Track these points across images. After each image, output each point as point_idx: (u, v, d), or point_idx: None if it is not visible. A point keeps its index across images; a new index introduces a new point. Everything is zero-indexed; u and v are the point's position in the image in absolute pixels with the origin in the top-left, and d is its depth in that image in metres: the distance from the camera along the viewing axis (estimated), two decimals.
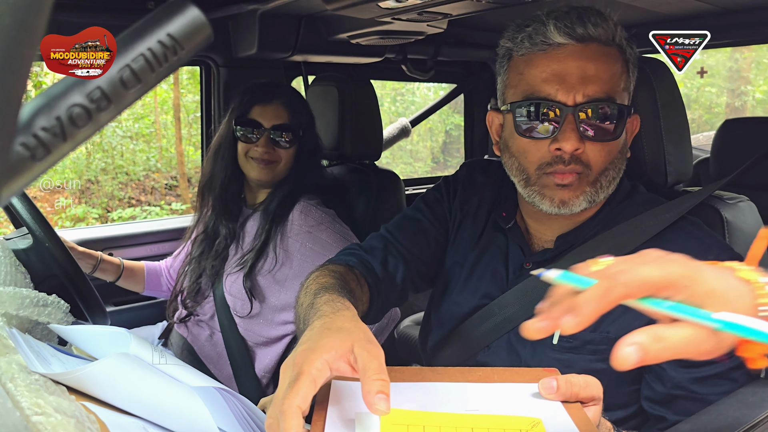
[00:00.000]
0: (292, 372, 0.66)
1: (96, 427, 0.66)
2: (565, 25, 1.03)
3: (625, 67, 1.09)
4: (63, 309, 1.03)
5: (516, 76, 1.10)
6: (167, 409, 0.75)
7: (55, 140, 0.36)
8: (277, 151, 1.76)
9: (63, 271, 1.38)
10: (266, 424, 0.64)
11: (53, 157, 0.36)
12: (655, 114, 1.21)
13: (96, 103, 0.37)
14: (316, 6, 1.85)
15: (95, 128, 0.37)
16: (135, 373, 0.74)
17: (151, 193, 7.72)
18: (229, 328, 1.77)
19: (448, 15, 1.77)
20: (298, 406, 0.61)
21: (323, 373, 0.65)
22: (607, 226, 1.11)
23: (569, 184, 1.06)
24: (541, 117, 1.05)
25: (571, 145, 1.02)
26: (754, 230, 1.22)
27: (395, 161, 9.51)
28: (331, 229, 1.73)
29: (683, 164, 1.26)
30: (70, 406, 0.65)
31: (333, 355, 0.67)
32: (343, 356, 0.67)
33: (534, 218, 1.18)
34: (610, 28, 1.06)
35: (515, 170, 1.13)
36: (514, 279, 1.16)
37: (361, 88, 2.00)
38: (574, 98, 1.03)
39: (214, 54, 2.14)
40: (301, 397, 0.62)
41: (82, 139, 0.36)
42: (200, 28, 0.41)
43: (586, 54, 1.04)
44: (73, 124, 0.36)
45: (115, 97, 0.38)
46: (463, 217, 1.28)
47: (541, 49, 1.05)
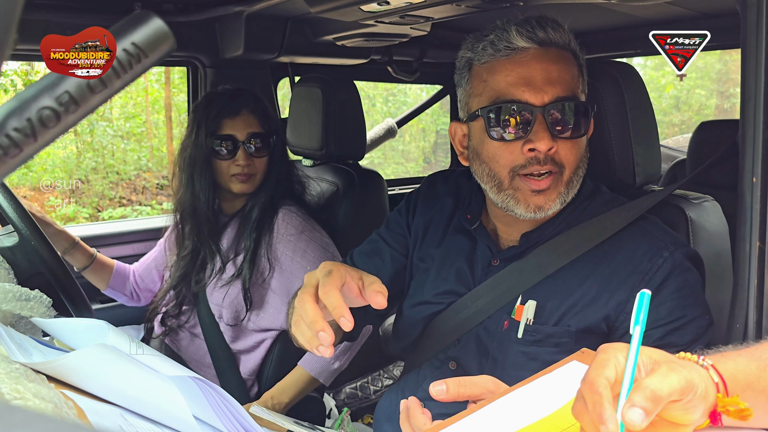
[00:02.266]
0: (325, 269, 0.89)
1: (74, 413, 0.69)
2: (527, 30, 1.08)
3: (579, 71, 1.15)
4: (45, 303, 1.06)
5: (480, 84, 1.14)
6: (144, 397, 0.78)
7: (26, 140, 0.39)
8: (254, 161, 1.74)
9: (48, 268, 1.41)
10: (302, 308, 0.86)
11: (24, 154, 0.39)
12: (624, 116, 1.26)
13: (64, 106, 0.40)
14: (302, 8, 1.88)
15: (63, 129, 0.41)
16: (112, 362, 0.77)
17: (142, 192, 7.72)
18: (214, 336, 1.79)
19: (430, 18, 1.80)
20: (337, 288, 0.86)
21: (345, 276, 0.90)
22: (570, 225, 1.15)
23: (544, 189, 1.10)
24: (512, 119, 1.09)
25: (545, 144, 1.06)
26: (717, 229, 1.27)
27: (387, 161, 9.55)
28: (310, 238, 1.75)
29: (651, 165, 1.30)
30: (49, 393, 0.68)
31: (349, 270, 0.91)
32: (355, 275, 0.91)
33: (502, 221, 1.22)
34: (566, 33, 1.12)
35: (486, 177, 1.15)
36: (482, 276, 1.20)
37: (345, 89, 2.03)
38: (542, 99, 1.07)
39: (201, 55, 2.17)
40: (338, 283, 0.88)
41: (50, 138, 0.40)
42: (163, 38, 0.45)
43: (548, 57, 1.09)
44: (42, 125, 0.40)
45: (82, 100, 0.41)
46: (426, 226, 1.33)
47: (505, 54, 1.10)
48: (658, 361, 0.60)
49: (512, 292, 1.13)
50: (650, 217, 1.14)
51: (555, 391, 0.77)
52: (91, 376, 0.77)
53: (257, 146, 1.74)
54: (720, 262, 1.25)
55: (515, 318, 1.12)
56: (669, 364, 0.59)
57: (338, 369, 1.77)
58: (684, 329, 1.03)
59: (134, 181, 7.72)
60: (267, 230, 1.75)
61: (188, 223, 1.79)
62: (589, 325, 1.07)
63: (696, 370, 0.60)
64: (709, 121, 2.09)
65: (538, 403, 0.76)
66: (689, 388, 0.57)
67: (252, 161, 1.74)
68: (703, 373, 0.60)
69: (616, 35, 2.35)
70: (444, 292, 1.24)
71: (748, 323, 0.84)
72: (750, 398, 0.62)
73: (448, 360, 1.20)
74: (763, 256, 0.81)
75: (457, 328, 1.18)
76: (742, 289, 0.85)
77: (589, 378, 0.59)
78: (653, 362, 0.60)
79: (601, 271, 1.09)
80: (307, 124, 2.04)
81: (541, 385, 0.79)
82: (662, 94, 10.78)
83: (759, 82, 0.79)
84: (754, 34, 0.79)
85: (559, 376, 0.80)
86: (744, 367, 0.63)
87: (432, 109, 5.32)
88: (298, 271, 1.72)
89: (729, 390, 0.61)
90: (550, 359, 1.04)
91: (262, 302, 1.76)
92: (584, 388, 0.59)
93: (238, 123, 1.73)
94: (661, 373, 0.57)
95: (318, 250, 1.74)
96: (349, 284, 0.90)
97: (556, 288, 1.11)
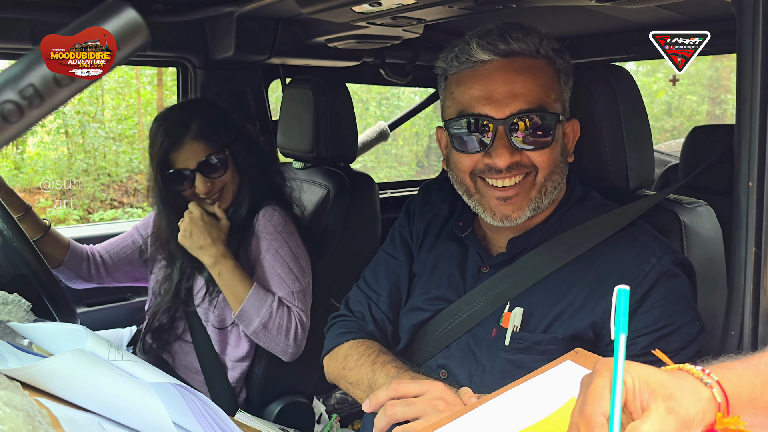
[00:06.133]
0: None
1: (47, 422, 0.66)
2: (488, 42, 1.08)
3: (556, 76, 1.13)
4: (24, 307, 1.04)
5: (450, 95, 1.16)
6: (123, 404, 0.76)
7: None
8: (215, 182, 1.69)
9: (31, 270, 1.38)
10: (390, 389, 0.98)
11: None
12: (617, 120, 1.24)
13: (28, 99, 0.38)
14: (293, 9, 1.86)
15: (28, 124, 0.38)
16: (90, 369, 0.74)
17: (133, 195, 7.67)
18: (203, 341, 1.77)
19: (422, 20, 1.79)
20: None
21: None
22: (558, 231, 1.14)
23: (512, 197, 1.10)
24: (473, 132, 1.10)
25: (503, 160, 1.07)
26: (711, 234, 1.25)
27: (380, 165, 9.53)
28: (285, 240, 1.72)
29: (645, 169, 1.29)
30: (22, 401, 0.66)
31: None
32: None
33: (489, 228, 1.22)
34: (534, 41, 1.10)
35: (457, 183, 1.19)
36: (472, 283, 1.20)
37: (336, 91, 2.01)
38: (503, 112, 1.07)
39: (191, 55, 2.14)
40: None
41: (12, 135, 0.37)
42: (137, 30, 0.43)
43: (512, 68, 1.08)
44: (4, 119, 0.37)
45: (47, 94, 0.39)
46: (424, 234, 1.33)
47: (468, 67, 1.10)
48: (655, 391, 0.58)
49: (506, 295, 1.12)
50: (640, 223, 1.13)
51: (549, 393, 0.75)
52: (68, 383, 0.75)
53: (212, 167, 1.68)
54: (714, 268, 1.24)
55: (502, 325, 1.11)
56: (667, 399, 0.57)
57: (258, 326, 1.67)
58: (672, 336, 1.02)
59: (126, 183, 7.67)
60: (248, 231, 1.73)
61: (172, 247, 1.76)
62: (576, 333, 1.06)
63: (694, 393, 0.58)
64: (702, 126, 2.08)
65: (533, 404, 0.75)
66: (685, 428, 0.56)
67: (212, 182, 1.69)
68: (702, 396, 0.59)
69: (608, 39, 2.35)
70: (435, 298, 1.23)
71: (744, 330, 0.83)
72: (751, 414, 0.60)
73: (439, 368, 1.19)
74: (759, 262, 0.79)
75: (450, 332, 1.17)
76: (737, 295, 0.83)
77: (587, 413, 0.57)
78: (650, 391, 0.58)
79: (589, 277, 1.08)
80: (298, 126, 2.02)
81: (535, 386, 0.78)
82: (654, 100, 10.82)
83: (755, 85, 0.77)
84: (750, 35, 0.77)
85: (553, 376, 0.79)
86: (748, 383, 0.62)
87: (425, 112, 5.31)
88: (267, 268, 1.69)
89: (731, 407, 0.59)
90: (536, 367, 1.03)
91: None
92: (581, 423, 0.58)
93: (185, 154, 1.66)
94: (657, 418, 0.56)
95: (288, 255, 1.70)
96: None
97: (544, 295, 1.10)
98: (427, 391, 0.96)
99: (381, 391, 0.99)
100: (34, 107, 0.38)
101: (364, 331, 1.29)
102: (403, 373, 1.10)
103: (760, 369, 0.63)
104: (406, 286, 1.32)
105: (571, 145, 1.19)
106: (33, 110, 0.38)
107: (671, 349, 1.00)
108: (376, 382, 1.12)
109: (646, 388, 0.58)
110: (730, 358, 0.66)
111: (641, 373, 0.59)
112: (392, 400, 0.97)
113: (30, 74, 0.39)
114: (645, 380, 0.58)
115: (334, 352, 1.28)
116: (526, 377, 0.81)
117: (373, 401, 0.99)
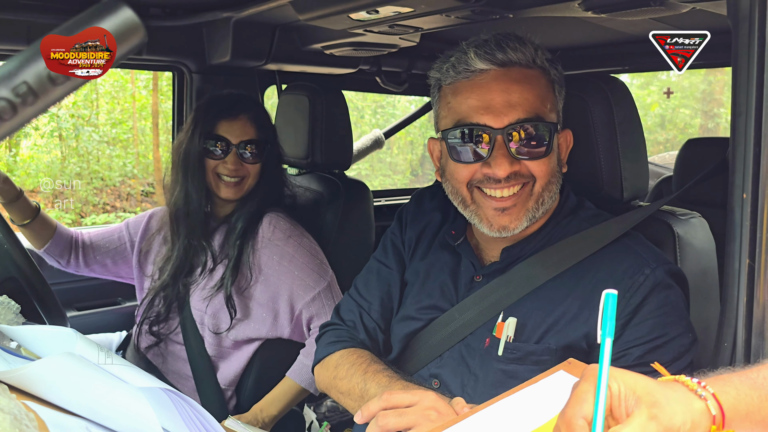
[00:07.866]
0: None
1: (34, 425, 0.65)
2: (485, 52, 1.08)
3: (551, 86, 1.13)
4: (13, 310, 1.02)
5: (445, 105, 1.15)
6: (111, 409, 0.75)
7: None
8: (245, 167, 1.74)
9: (21, 273, 1.37)
10: (381, 400, 0.97)
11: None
12: (612, 130, 1.25)
13: (21, 97, 0.37)
14: (291, 15, 1.87)
15: (21, 122, 0.38)
16: (78, 372, 0.73)
17: (126, 199, 7.64)
18: (194, 343, 1.76)
19: (419, 29, 1.79)
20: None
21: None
22: (551, 241, 1.14)
23: (509, 207, 1.09)
24: (471, 142, 1.09)
25: (503, 170, 1.07)
26: (705, 246, 1.26)
27: (374, 173, 9.54)
28: (298, 243, 1.73)
29: (639, 180, 1.29)
30: (9, 404, 0.65)
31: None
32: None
33: (482, 237, 1.22)
34: (530, 51, 1.10)
35: (452, 194, 1.18)
36: (465, 292, 1.19)
37: (332, 98, 2.02)
38: (501, 121, 1.07)
39: (187, 60, 2.14)
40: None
41: (5, 133, 0.37)
42: (134, 29, 0.42)
43: (509, 77, 1.08)
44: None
45: (42, 92, 0.38)
46: (416, 242, 1.33)
47: (465, 76, 1.10)
48: (641, 398, 0.58)
49: (499, 305, 1.11)
50: (634, 234, 1.13)
51: (542, 403, 0.75)
52: (56, 387, 0.74)
53: (251, 152, 1.75)
54: (707, 279, 1.24)
55: (496, 335, 1.10)
56: (651, 406, 0.57)
57: None
58: (665, 347, 1.02)
59: (119, 187, 7.64)
60: (251, 238, 1.73)
61: (181, 222, 1.77)
62: (570, 343, 1.06)
63: (684, 404, 0.58)
64: (695, 139, 2.10)
65: (525, 414, 0.74)
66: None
67: (242, 166, 1.74)
68: (694, 407, 0.58)
69: (604, 51, 2.36)
70: (427, 306, 1.22)
71: (737, 342, 0.82)
72: (747, 429, 0.60)
73: (431, 378, 1.18)
74: (752, 274, 0.79)
75: (443, 342, 1.16)
76: (730, 307, 0.83)
77: (567, 416, 0.57)
78: (636, 398, 0.58)
79: (583, 287, 1.08)
80: (294, 132, 2.02)
81: (527, 396, 0.78)
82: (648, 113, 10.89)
83: (750, 97, 0.77)
84: (746, 47, 0.78)
85: (545, 386, 0.79)
86: (745, 396, 0.61)
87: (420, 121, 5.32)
88: (285, 276, 1.70)
89: (727, 420, 0.59)
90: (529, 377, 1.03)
91: (244, 313, 1.73)
92: (562, 425, 0.58)
93: (235, 127, 1.74)
94: (638, 424, 0.56)
95: (306, 256, 1.72)
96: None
97: (538, 305, 1.10)
98: (419, 401, 0.95)
99: (373, 402, 0.98)
100: (28, 105, 0.38)
101: (356, 340, 1.28)
102: (395, 383, 1.09)
103: (758, 383, 0.63)
104: (398, 295, 1.31)
105: (565, 155, 1.19)
106: (26, 108, 0.37)
107: (664, 360, 1.00)
108: (368, 392, 1.11)
109: (632, 395, 0.58)
110: (728, 370, 0.66)
111: (628, 381, 0.59)
112: (384, 410, 0.96)
113: (24, 72, 0.38)
114: (632, 387, 0.58)
115: (324, 362, 1.27)
116: (519, 387, 0.81)
117: (365, 412, 0.98)
